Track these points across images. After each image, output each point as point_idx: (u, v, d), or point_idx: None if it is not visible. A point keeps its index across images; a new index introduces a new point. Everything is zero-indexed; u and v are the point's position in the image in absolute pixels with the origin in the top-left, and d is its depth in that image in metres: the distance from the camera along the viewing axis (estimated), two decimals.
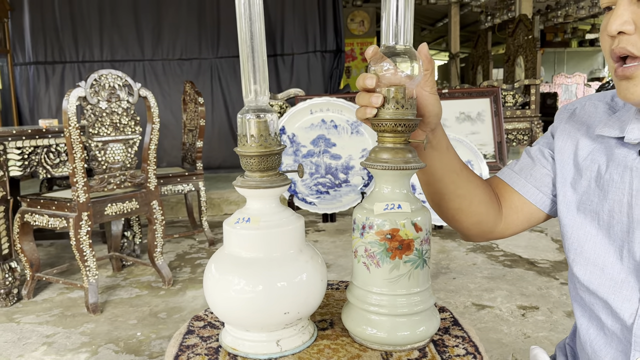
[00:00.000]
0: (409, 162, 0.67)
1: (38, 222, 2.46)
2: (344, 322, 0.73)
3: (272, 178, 0.69)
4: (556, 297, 2.48)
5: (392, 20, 0.66)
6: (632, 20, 0.62)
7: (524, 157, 0.88)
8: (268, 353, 0.69)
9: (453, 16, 10.47)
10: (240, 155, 0.69)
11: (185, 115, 3.59)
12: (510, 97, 4.96)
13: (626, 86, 0.65)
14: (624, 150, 0.73)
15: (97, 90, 2.34)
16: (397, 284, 0.68)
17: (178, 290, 2.70)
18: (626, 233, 0.71)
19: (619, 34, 0.64)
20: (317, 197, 3.80)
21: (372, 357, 0.68)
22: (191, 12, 5.82)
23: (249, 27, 0.67)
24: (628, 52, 0.63)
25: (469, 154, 3.60)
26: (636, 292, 0.70)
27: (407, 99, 0.66)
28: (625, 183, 0.71)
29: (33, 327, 2.29)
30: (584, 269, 0.76)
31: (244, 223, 0.69)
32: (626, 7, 0.63)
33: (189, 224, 3.96)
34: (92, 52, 5.73)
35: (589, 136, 0.79)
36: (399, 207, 0.67)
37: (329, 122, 3.84)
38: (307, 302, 0.69)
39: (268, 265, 0.67)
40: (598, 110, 0.80)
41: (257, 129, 0.68)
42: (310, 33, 6.04)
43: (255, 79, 0.68)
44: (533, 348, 0.94)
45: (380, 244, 0.68)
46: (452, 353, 0.69)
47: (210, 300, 0.70)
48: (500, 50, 12.78)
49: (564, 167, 0.81)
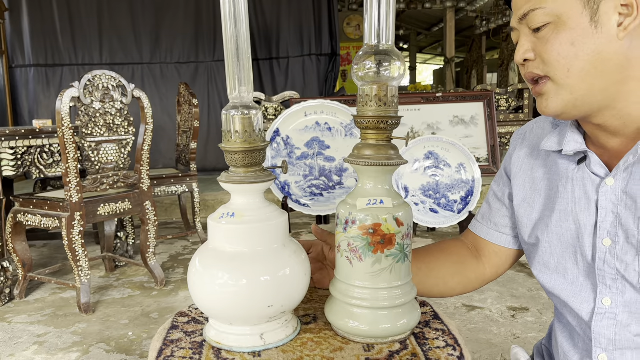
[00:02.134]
0: (391, 159, 0.68)
1: (31, 222, 2.46)
2: (327, 315, 0.75)
3: (256, 174, 0.70)
4: (546, 298, 2.50)
5: (374, 21, 0.68)
6: (532, 49, 0.72)
7: (484, 204, 0.98)
8: (252, 346, 0.70)
9: (448, 21, 10.52)
10: (224, 151, 0.70)
11: (179, 116, 3.60)
12: (503, 101, 5.00)
13: (540, 102, 0.74)
14: (565, 162, 0.80)
15: (91, 91, 2.35)
16: (379, 277, 0.70)
17: (170, 291, 2.71)
18: (576, 239, 0.77)
19: (525, 61, 0.73)
20: (311, 199, 3.81)
21: (355, 349, 0.69)
22: (188, 17, 5.88)
23: (233, 24, 0.68)
24: (535, 75, 0.72)
25: (462, 157, 3.62)
26: (591, 293, 0.76)
27: (389, 97, 0.68)
28: (569, 192, 0.78)
29: (24, 327, 2.29)
30: (549, 277, 0.82)
31: (228, 218, 0.70)
32: (526, 39, 0.72)
33: (182, 225, 3.96)
34: (91, 55, 5.78)
35: (539, 156, 0.86)
36: (381, 202, 0.69)
37: (323, 124, 3.86)
38: (290, 296, 0.70)
39: (252, 260, 0.68)
40: (545, 131, 0.86)
41: (241, 125, 0.69)
42: (306, 36, 6.08)
43: (240, 75, 0.69)
44: (514, 347, 0.96)
45: (363, 239, 0.69)
46: (432, 345, 0.71)
47: (195, 294, 0.70)
48: (495, 55, 12.84)
49: (521, 190, 0.88)
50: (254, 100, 4.92)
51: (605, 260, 0.73)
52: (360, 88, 0.69)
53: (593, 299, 0.75)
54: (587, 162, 0.76)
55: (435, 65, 19.30)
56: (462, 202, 3.61)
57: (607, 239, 0.72)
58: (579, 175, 0.77)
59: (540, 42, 0.71)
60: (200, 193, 3.40)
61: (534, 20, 0.70)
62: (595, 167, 0.75)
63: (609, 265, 0.72)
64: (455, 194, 3.63)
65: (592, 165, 0.75)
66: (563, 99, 0.71)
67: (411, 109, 4.71)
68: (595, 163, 0.75)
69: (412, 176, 3.69)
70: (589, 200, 0.75)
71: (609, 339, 0.73)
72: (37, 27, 5.66)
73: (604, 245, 0.73)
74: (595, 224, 0.74)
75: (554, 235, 0.79)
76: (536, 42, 0.71)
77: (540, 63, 0.71)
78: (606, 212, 0.72)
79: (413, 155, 3.68)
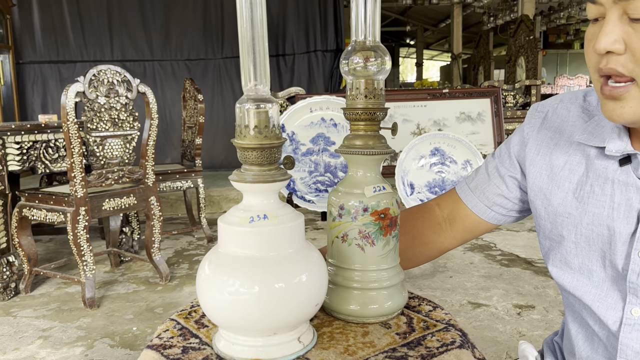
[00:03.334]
0: (379, 148, 0.72)
1: (36, 216, 2.47)
2: (339, 310, 0.75)
3: (271, 172, 0.64)
4: (552, 296, 2.48)
5: (360, 18, 0.71)
6: (622, 39, 0.58)
7: (482, 170, 0.90)
8: (270, 358, 0.64)
9: (455, 17, 10.47)
10: (237, 147, 0.65)
11: (184, 112, 3.60)
12: (510, 97, 4.95)
13: (612, 107, 0.62)
14: (604, 161, 0.71)
15: (96, 86, 2.34)
16: (387, 258, 0.74)
17: (175, 286, 2.71)
18: (607, 245, 0.70)
19: (607, 53, 0.60)
20: (316, 195, 3.80)
21: (377, 330, 0.72)
22: (197, 14, 5.92)
23: (249, 11, 0.62)
24: (617, 73, 0.60)
25: (468, 153, 3.60)
26: (620, 301, 0.70)
27: (377, 90, 0.71)
28: (607, 195, 0.70)
29: (30, 321, 2.29)
30: (570, 277, 0.76)
31: (257, 220, 0.64)
32: (616, 24, 0.58)
33: (188, 220, 3.96)
34: (102, 52, 5.83)
35: (563, 144, 0.77)
36: (383, 188, 0.73)
37: (328, 120, 3.84)
38: (307, 305, 0.64)
39: (265, 265, 0.62)
40: (571, 114, 0.77)
41: (256, 119, 0.63)
42: (311, 32, 6.10)
43: (255, 66, 0.63)
44: (522, 343, 0.94)
45: (375, 224, 0.72)
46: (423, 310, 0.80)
47: (203, 301, 0.65)
48: (502, 51, 12.77)
49: (537, 178, 0.79)
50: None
51: (639, 274, 0.67)
52: (349, 82, 0.73)
53: (621, 307, 0.69)
54: (633, 166, 0.67)
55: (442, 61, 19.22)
56: None
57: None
58: (622, 178, 0.68)
59: (637, 36, 0.57)
60: (205, 189, 3.40)
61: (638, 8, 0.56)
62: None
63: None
64: None
65: (639, 170, 0.67)
66: None
67: (417, 105, 4.68)
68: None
69: (418, 172, 3.67)
70: (630, 207, 0.67)
71: (636, 352, 0.68)
72: (47, 23, 5.70)
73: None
74: (633, 234, 0.67)
75: (583, 237, 0.72)
76: (631, 34, 0.58)
77: (630, 61, 0.58)
78: None
79: (419, 152, 3.66)
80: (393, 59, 3.72)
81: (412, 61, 20.25)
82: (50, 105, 5.85)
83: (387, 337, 0.70)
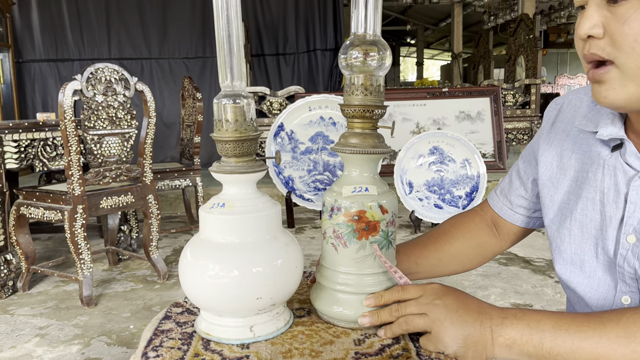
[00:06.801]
0: (376, 147, 0.69)
1: (34, 214, 2.47)
2: (313, 302, 0.75)
3: (248, 163, 0.69)
4: (550, 295, 2.48)
5: (361, 11, 0.68)
6: (602, 24, 0.60)
7: (507, 178, 0.93)
8: (241, 338, 0.69)
9: (456, 16, 10.46)
10: (216, 141, 0.69)
11: (183, 110, 3.59)
12: (510, 96, 4.95)
13: (598, 90, 0.64)
14: (598, 146, 0.72)
15: (94, 84, 2.34)
16: (363, 263, 0.71)
17: (173, 285, 2.71)
18: (599, 230, 0.71)
19: (589, 37, 0.61)
20: (315, 194, 3.80)
21: (345, 343, 0.68)
22: (195, 12, 5.93)
23: (225, 11, 0.67)
24: (597, 58, 0.61)
25: (467, 152, 3.59)
26: (611, 289, 0.71)
27: (375, 86, 0.68)
28: (598, 180, 0.71)
29: (27, 319, 2.29)
30: (564, 267, 0.77)
31: (219, 208, 0.69)
32: (595, 9, 0.60)
33: (186, 219, 3.96)
34: (100, 50, 5.84)
35: (574, 133, 0.78)
36: (366, 189, 0.70)
37: (327, 119, 3.84)
38: (282, 288, 0.69)
39: (243, 251, 0.67)
40: (582, 104, 0.79)
41: (232, 114, 0.68)
42: (311, 31, 6.12)
43: (232, 63, 0.68)
44: None
45: (348, 225, 0.70)
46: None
47: (185, 285, 0.69)
48: (502, 51, 12.76)
49: (547, 168, 0.81)
50: (259, 94, 4.90)
51: (626, 258, 0.68)
52: (346, 77, 0.70)
53: (613, 296, 0.70)
54: (622, 151, 0.69)
55: (443, 60, 19.21)
56: (467, 198, 3.58)
57: (631, 236, 0.67)
58: (611, 163, 0.70)
59: (615, 19, 0.58)
60: (204, 187, 3.40)
61: None
62: (631, 157, 0.68)
63: (629, 263, 0.67)
64: (460, 189, 3.61)
65: (627, 155, 0.68)
66: (628, 91, 0.60)
67: (417, 104, 4.68)
68: (631, 153, 0.68)
69: (417, 171, 3.66)
70: (618, 192, 0.69)
71: None
72: (47, 22, 5.72)
73: (628, 242, 0.67)
74: (622, 218, 0.68)
75: (576, 223, 0.73)
76: (609, 18, 0.59)
77: (608, 45, 0.60)
78: (635, 207, 0.67)
79: (418, 151, 3.65)
80: (394, 58, 3.70)
81: (412, 60, 20.26)
82: (49, 104, 5.85)
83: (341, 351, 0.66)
